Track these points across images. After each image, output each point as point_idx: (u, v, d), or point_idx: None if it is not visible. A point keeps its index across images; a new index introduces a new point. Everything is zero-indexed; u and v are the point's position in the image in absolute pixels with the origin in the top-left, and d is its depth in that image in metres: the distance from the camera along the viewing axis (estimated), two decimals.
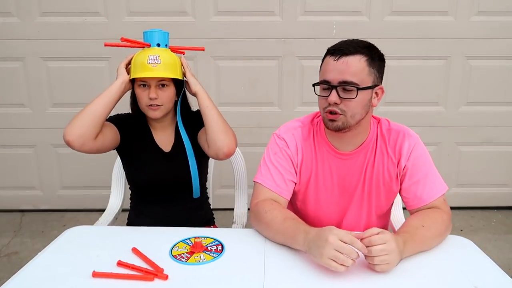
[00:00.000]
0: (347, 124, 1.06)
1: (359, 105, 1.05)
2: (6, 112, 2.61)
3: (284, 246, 1.03)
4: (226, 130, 1.23)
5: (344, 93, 1.04)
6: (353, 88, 1.02)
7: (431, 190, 1.12)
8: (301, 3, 2.45)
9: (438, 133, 2.65)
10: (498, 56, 2.53)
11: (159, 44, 1.24)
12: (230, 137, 1.23)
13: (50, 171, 2.72)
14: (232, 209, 1.45)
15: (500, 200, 2.80)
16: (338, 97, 1.03)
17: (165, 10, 2.46)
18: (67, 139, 1.18)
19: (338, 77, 1.03)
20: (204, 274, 0.91)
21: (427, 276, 0.91)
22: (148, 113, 1.27)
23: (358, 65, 1.02)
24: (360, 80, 1.03)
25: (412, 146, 1.13)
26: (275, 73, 2.56)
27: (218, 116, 1.24)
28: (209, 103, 1.25)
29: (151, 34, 1.24)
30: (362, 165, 1.15)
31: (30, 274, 0.92)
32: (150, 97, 1.22)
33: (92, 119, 1.19)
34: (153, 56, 1.19)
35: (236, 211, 1.45)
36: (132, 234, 1.12)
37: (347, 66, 1.02)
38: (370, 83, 1.05)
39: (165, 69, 1.21)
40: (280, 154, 1.16)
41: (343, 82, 1.02)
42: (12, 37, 2.48)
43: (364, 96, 1.05)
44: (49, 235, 2.46)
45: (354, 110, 1.05)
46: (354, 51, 1.03)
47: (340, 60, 1.03)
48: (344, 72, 1.02)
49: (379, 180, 1.16)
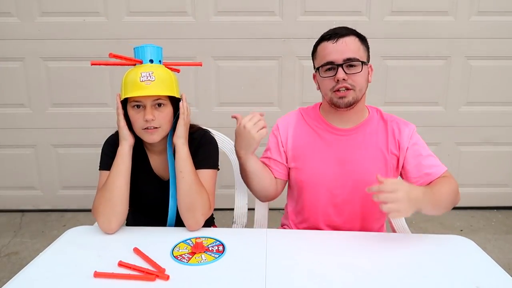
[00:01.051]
0: (356, 98, 1.17)
1: (363, 78, 1.17)
2: (6, 112, 2.61)
3: (284, 246, 1.03)
4: (192, 208, 1.10)
5: (349, 69, 1.14)
6: (357, 63, 1.14)
7: (437, 167, 1.21)
8: (301, 3, 2.46)
9: (438, 133, 2.66)
10: (498, 56, 2.53)
11: (152, 60, 1.11)
12: (195, 215, 1.10)
13: (50, 171, 2.72)
14: (232, 209, 1.45)
15: (500, 200, 2.80)
16: (345, 73, 1.13)
17: (165, 10, 2.46)
18: (110, 233, 1.10)
19: (341, 56, 1.13)
20: (205, 274, 0.91)
21: (428, 276, 0.91)
22: (144, 137, 1.14)
23: (355, 44, 1.15)
24: (360, 56, 1.15)
25: (411, 131, 1.23)
26: (275, 73, 2.56)
27: (189, 189, 1.10)
28: (184, 167, 1.11)
29: (143, 49, 1.11)
30: (362, 142, 1.23)
31: (31, 274, 0.92)
32: (146, 119, 1.09)
33: (122, 202, 1.10)
34: (146, 73, 1.07)
35: (236, 211, 1.44)
36: (133, 234, 1.12)
37: (346, 45, 1.14)
38: (365, 59, 1.18)
39: (160, 86, 1.08)
40: (271, 137, 1.34)
41: (347, 59, 1.13)
42: (12, 37, 2.48)
43: (365, 70, 1.17)
44: (49, 235, 2.46)
45: (361, 84, 1.17)
46: (347, 32, 1.16)
47: (338, 41, 1.14)
48: (346, 51, 1.13)
49: (379, 157, 1.22)
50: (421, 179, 1.20)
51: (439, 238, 1.13)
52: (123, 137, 1.14)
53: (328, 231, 1.27)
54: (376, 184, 0.99)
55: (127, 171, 1.12)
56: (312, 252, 1.01)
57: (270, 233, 1.13)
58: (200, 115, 2.57)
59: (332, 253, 1.00)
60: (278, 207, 1.83)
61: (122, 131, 1.14)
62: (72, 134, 2.64)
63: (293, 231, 1.30)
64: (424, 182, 1.19)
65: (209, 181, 1.19)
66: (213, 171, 1.21)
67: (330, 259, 0.97)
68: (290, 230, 1.35)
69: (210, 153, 1.24)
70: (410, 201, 0.98)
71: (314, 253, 1.00)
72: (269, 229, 1.17)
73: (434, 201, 1.08)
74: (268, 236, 1.11)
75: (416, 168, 1.20)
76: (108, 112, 2.53)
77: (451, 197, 1.14)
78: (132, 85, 1.08)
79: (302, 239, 1.11)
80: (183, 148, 1.13)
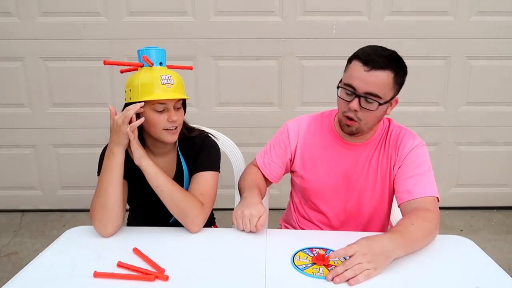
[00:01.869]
0: (360, 130, 1.13)
1: (375, 116, 1.11)
2: (6, 112, 2.61)
3: (284, 246, 1.03)
4: (185, 213, 1.11)
5: (366, 103, 1.08)
6: (375, 102, 1.06)
7: (423, 188, 1.11)
8: (301, 3, 2.45)
9: (438, 133, 2.65)
10: (498, 56, 2.53)
11: (161, 63, 1.13)
12: (191, 219, 1.11)
13: (50, 171, 2.72)
14: (232, 209, 1.44)
15: (500, 200, 2.80)
16: (359, 105, 1.08)
17: (165, 10, 2.46)
18: (106, 237, 1.09)
19: (364, 88, 1.06)
20: (205, 275, 0.91)
21: (428, 276, 0.91)
22: (166, 137, 1.14)
23: (385, 80, 1.06)
24: (383, 94, 1.07)
25: (414, 145, 1.16)
26: (275, 73, 2.56)
27: (172, 198, 1.10)
28: (157, 182, 1.10)
29: (155, 52, 1.12)
30: (367, 157, 1.21)
31: (31, 274, 0.92)
32: (173, 120, 1.11)
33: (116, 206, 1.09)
34: (165, 76, 1.09)
35: None
36: (133, 234, 1.12)
37: (375, 79, 1.05)
38: (391, 96, 1.10)
39: (180, 89, 1.13)
40: (277, 140, 1.31)
41: (368, 93, 1.06)
42: (12, 37, 2.48)
43: (383, 109, 1.10)
44: (49, 235, 2.46)
45: (369, 120, 1.11)
46: (384, 66, 1.05)
47: (370, 72, 1.05)
48: (371, 84, 1.05)
49: (381, 173, 1.20)
50: (402, 195, 1.13)
51: (439, 238, 1.13)
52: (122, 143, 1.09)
53: (328, 231, 1.27)
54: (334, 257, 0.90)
55: (120, 175, 1.10)
56: None
57: (270, 233, 1.13)
58: (200, 115, 2.56)
59: None
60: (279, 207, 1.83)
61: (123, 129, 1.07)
62: (72, 134, 2.64)
63: (293, 231, 1.30)
64: (403, 198, 1.12)
65: (210, 183, 1.19)
66: (214, 173, 1.22)
67: None
68: (290, 230, 1.35)
69: (211, 156, 1.24)
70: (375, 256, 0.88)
71: None
72: (269, 229, 1.17)
73: (408, 248, 0.96)
74: (268, 236, 1.11)
75: (402, 183, 1.14)
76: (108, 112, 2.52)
77: (427, 240, 1.03)
78: (153, 87, 1.08)
79: (302, 239, 1.11)
80: (147, 165, 1.10)
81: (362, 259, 0.86)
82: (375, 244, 0.90)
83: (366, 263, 0.86)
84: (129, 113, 1.07)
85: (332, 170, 1.23)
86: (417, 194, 1.10)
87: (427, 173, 1.14)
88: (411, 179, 1.13)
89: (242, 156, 1.50)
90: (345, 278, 0.85)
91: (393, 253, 0.92)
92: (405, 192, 1.12)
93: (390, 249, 0.91)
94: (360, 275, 0.85)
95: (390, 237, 0.94)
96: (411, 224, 1.00)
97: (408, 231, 0.97)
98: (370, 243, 0.90)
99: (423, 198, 1.10)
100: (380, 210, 1.25)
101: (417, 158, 1.15)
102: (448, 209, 2.78)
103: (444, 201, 2.78)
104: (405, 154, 1.16)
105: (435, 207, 1.09)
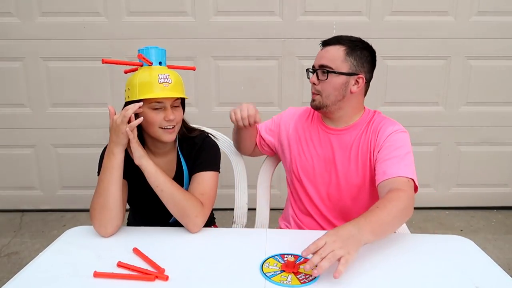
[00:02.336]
0: (322, 103, 1.21)
1: (332, 87, 1.19)
2: (6, 112, 2.61)
3: (284, 246, 1.03)
4: (186, 213, 1.11)
5: (321, 75, 1.20)
6: (327, 72, 1.18)
7: (398, 169, 1.12)
8: (301, 3, 2.46)
9: (438, 133, 2.65)
10: (498, 56, 2.53)
11: (161, 62, 1.14)
12: (192, 219, 1.11)
13: (50, 171, 2.72)
14: (232, 209, 1.45)
15: (500, 200, 2.80)
16: (317, 79, 1.21)
17: (165, 10, 2.46)
18: (106, 237, 1.09)
19: (318, 62, 1.21)
20: (205, 275, 0.91)
21: (428, 276, 0.91)
22: (163, 137, 1.14)
23: (335, 53, 1.18)
24: (335, 65, 1.17)
25: (394, 130, 1.19)
26: (275, 73, 2.56)
27: (173, 198, 1.10)
28: (157, 181, 1.10)
29: (154, 51, 1.13)
30: (349, 143, 1.24)
31: (31, 274, 0.92)
32: (169, 118, 1.11)
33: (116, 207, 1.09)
34: (163, 75, 1.10)
35: (236, 211, 1.44)
36: (133, 234, 1.12)
37: (326, 53, 1.20)
38: (345, 70, 1.18)
39: (177, 88, 1.13)
40: (277, 118, 1.40)
41: (321, 65, 1.19)
42: (12, 37, 2.48)
43: (337, 80, 1.18)
44: (49, 235, 2.46)
45: (327, 91, 1.19)
46: (335, 41, 1.19)
47: (323, 48, 1.22)
48: (323, 58, 1.20)
49: (362, 159, 1.22)
50: (378, 176, 1.14)
51: (439, 238, 1.14)
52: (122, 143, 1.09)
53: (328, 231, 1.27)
54: None
55: (119, 175, 1.10)
56: None
57: (270, 233, 1.14)
58: (200, 115, 2.57)
59: None
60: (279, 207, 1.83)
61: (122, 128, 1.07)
62: (72, 134, 2.64)
63: (293, 231, 1.30)
64: (379, 179, 1.13)
65: (210, 183, 1.20)
66: (214, 173, 1.22)
67: None
68: (290, 230, 1.35)
69: (212, 156, 1.24)
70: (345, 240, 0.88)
71: None
72: (269, 229, 1.17)
73: (377, 230, 0.96)
74: (268, 236, 1.11)
75: (379, 165, 1.16)
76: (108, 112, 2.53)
77: (396, 220, 1.02)
78: (151, 86, 1.09)
79: (302, 239, 1.11)
80: (148, 165, 1.10)
81: (333, 245, 0.86)
82: (342, 230, 0.91)
83: (338, 249, 0.86)
84: (128, 112, 1.07)
85: (314, 154, 1.28)
86: (391, 174, 1.11)
87: (406, 156, 1.15)
88: (387, 161, 1.14)
89: (242, 156, 1.50)
90: (323, 268, 0.83)
91: (362, 236, 0.91)
92: (381, 173, 1.14)
93: (356, 233, 0.91)
94: (339, 266, 0.84)
95: (353, 222, 0.94)
96: (377, 207, 1.00)
97: (373, 214, 0.98)
98: (336, 231, 0.91)
99: (396, 178, 1.10)
100: (361, 197, 1.26)
101: (396, 142, 1.17)
102: (448, 209, 2.78)
103: (444, 201, 2.81)
104: (384, 138, 1.18)
105: (408, 187, 1.08)
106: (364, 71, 1.20)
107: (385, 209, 0.99)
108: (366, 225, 0.94)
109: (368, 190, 1.25)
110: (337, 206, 1.29)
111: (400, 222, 1.04)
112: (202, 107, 2.59)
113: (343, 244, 0.87)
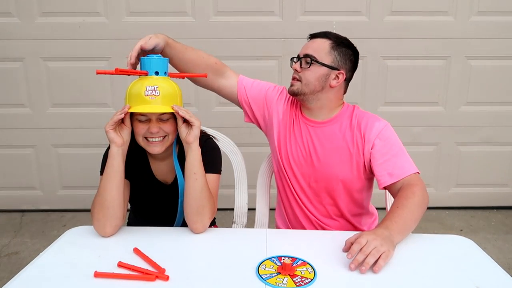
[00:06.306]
0: (301, 90, 1.23)
1: (313, 76, 1.21)
2: (6, 112, 2.61)
3: (284, 246, 1.03)
4: (202, 211, 1.11)
5: (304, 64, 1.22)
6: (310, 61, 1.21)
7: (402, 169, 1.17)
8: (301, 3, 2.46)
9: (438, 133, 2.65)
10: (498, 56, 2.53)
11: (158, 72, 1.09)
12: (204, 218, 1.11)
13: (50, 171, 2.72)
14: (232, 209, 1.45)
15: (500, 200, 2.80)
16: (300, 66, 1.23)
17: (165, 10, 2.46)
18: (105, 236, 1.10)
19: (303, 51, 1.24)
20: (205, 275, 0.91)
21: (428, 275, 0.91)
22: (147, 148, 1.14)
23: (321, 45, 1.22)
24: (319, 56, 1.20)
25: (382, 127, 1.22)
26: (275, 73, 2.56)
27: (201, 191, 1.10)
28: (198, 168, 1.10)
29: (149, 61, 1.09)
30: (329, 136, 1.26)
31: (31, 274, 0.92)
32: (151, 131, 1.10)
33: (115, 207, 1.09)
34: (151, 88, 1.05)
35: (236, 211, 1.45)
36: (133, 234, 1.12)
37: (312, 43, 1.24)
38: (328, 62, 1.21)
39: (164, 102, 1.06)
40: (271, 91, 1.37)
41: (306, 55, 1.22)
42: (12, 37, 2.48)
43: (319, 70, 1.21)
44: (49, 235, 2.46)
45: (307, 79, 1.22)
46: (322, 35, 1.24)
47: (310, 40, 1.26)
48: (308, 48, 1.23)
49: (344, 152, 1.24)
50: (383, 178, 1.18)
51: (439, 238, 1.14)
52: (109, 139, 1.09)
53: (328, 231, 1.27)
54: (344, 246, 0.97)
55: (117, 175, 1.10)
56: (312, 252, 1.00)
57: (270, 233, 1.14)
58: (200, 115, 2.53)
59: (332, 253, 1.00)
60: None
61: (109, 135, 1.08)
62: (72, 134, 2.64)
63: (294, 231, 1.31)
64: (386, 182, 1.17)
65: (212, 185, 1.19)
66: (216, 175, 1.22)
67: (330, 259, 0.97)
68: (290, 230, 1.35)
69: (214, 158, 1.24)
70: (384, 239, 0.94)
71: (314, 253, 1.00)
72: (269, 229, 1.17)
73: (403, 229, 1.04)
74: (268, 236, 1.11)
75: (381, 167, 1.19)
76: (108, 112, 2.52)
77: (417, 213, 1.08)
78: (136, 98, 1.06)
79: (302, 239, 1.11)
80: (197, 149, 1.11)
81: (375, 243, 0.92)
82: (377, 232, 0.96)
83: (380, 246, 0.92)
84: (116, 117, 1.07)
85: (294, 145, 1.29)
86: (399, 176, 1.16)
87: (401, 151, 1.21)
88: (388, 162, 1.18)
89: (242, 156, 1.50)
90: (369, 264, 0.89)
91: (393, 237, 0.98)
92: (386, 175, 1.18)
93: (388, 235, 0.97)
94: (380, 260, 0.90)
95: (382, 226, 1.01)
96: (397, 208, 1.07)
97: (396, 215, 1.04)
98: (373, 231, 0.97)
99: (405, 178, 1.16)
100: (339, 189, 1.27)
101: (389, 139, 1.21)
102: (448, 209, 2.78)
103: (444, 201, 2.80)
104: (375, 135, 1.20)
105: (418, 180, 1.16)
106: (346, 68, 1.23)
107: (405, 208, 1.06)
108: (394, 227, 1.01)
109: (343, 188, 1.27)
110: (319, 203, 1.29)
111: (420, 216, 1.09)
112: (202, 107, 2.59)
113: (383, 242, 0.93)
